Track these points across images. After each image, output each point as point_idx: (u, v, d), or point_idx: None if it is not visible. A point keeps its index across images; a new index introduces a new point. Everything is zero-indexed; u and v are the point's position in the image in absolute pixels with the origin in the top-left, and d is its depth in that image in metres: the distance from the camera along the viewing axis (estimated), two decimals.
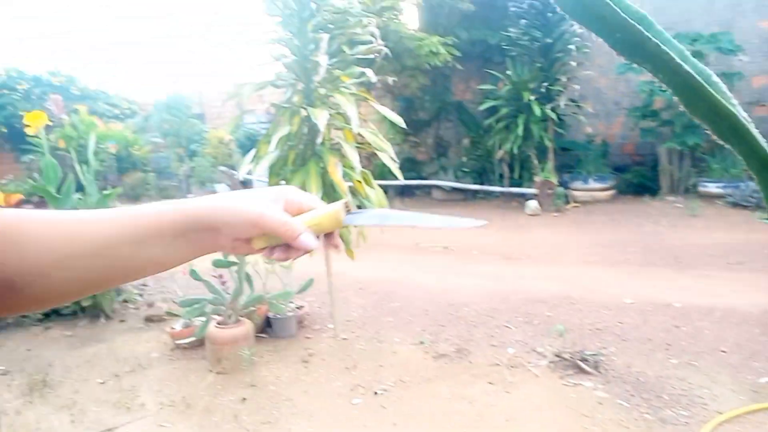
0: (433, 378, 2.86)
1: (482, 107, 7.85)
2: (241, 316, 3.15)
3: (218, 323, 3.07)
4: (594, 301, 3.75)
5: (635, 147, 8.08)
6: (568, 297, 3.84)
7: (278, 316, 3.37)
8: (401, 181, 8.42)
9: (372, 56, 3.49)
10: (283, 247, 0.59)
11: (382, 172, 5.66)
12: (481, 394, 2.66)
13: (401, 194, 8.80)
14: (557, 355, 2.94)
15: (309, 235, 0.59)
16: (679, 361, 2.86)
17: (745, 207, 6.09)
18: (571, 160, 8.17)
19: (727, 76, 6.72)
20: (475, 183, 8.48)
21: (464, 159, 9.03)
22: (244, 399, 2.72)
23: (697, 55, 6.65)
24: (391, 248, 5.62)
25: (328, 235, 0.63)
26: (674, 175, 7.20)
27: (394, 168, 3.46)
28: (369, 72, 3.40)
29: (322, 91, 3.40)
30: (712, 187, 6.66)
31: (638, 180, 7.65)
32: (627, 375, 2.74)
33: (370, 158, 5.78)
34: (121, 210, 0.55)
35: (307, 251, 0.59)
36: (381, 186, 8.69)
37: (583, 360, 2.85)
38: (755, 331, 3.12)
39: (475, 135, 8.79)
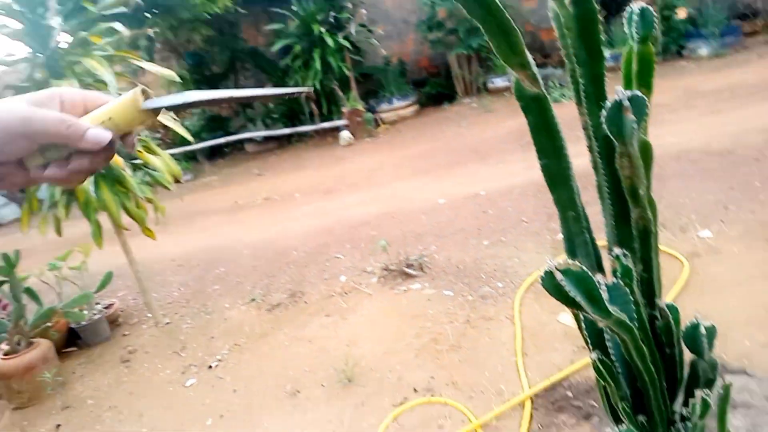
0: (270, 331, 2.72)
1: (274, 48, 7.51)
2: (34, 338, 2.69)
3: (4, 354, 2.59)
4: (412, 210, 3.84)
5: (429, 60, 8.38)
6: (387, 213, 3.90)
7: (82, 323, 2.94)
8: (207, 142, 7.99)
9: (123, 9, 3.03)
10: (66, 160, 0.48)
11: (184, 138, 5.15)
12: (320, 329, 2.60)
13: (211, 156, 8.29)
14: (385, 269, 2.96)
15: (98, 129, 0.48)
16: (489, 241, 3.04)
17: None
18: (374, 85, 8.26)
19: None
20: (286, 127, 8.24)
21: (271, 105, 8.69)
22: (59, 426, 2.35)
23: None
24: (207, 214, 5.26)
25: (124, 137, 0.52)
26: (466, 79, 7.62)
27: (184, 132, 3.11)
28: (118, 26, 2.96)
29: (72, 58, 2.89)
30: (499, 82, 7.18)
31: (436, 90, 7.99)
32: (448, 267, 2.85)
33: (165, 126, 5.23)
34: None
35: (99, 147, 0.48)
36: (189, 151, 7.99)
37: (409, 266, 2.91)
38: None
39: (276, 78, 8.45)
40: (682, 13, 6.31)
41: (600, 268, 0.84)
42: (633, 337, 0.72)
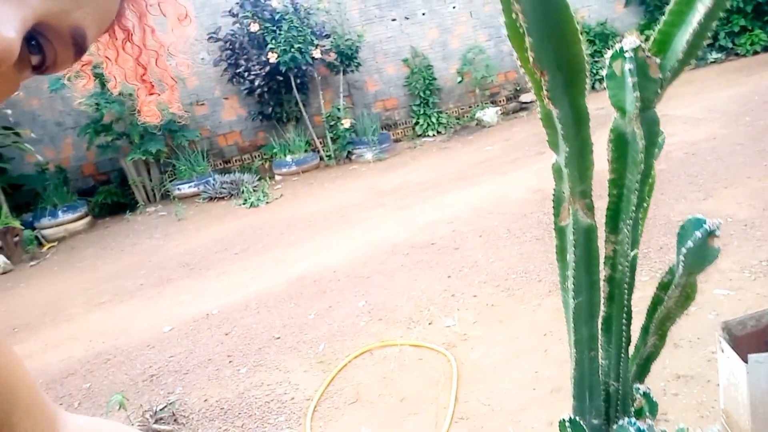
0: None
1: None
2: None
3: None
4: (132, 345, 3.21)
5: (96, 166, 7.48)
6: (99, 354, 3.16)
7: None
8: None
9: None
10: None
11: None
12: None
13: None
14: None
15: None
16: (246, 368, 2.74)
17: (220, 198, 6.55)
18: (28, 197, 6.89)
19: None
20: None
21: None
22: None
23: None
24: None
25: None
26: (146, 186, 7.06)
27: None
28: None
29: None
30: (186, 188, 6.87)
31: (111, 199, 7.14)
32: (209, 411, 2.43)
33: None
34: None
35: None
36: None
37: (159, 420, 2.36)
38: (289, 306, 3.32)
39: None
40: (347, 123, 7.27)
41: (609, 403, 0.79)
42: None
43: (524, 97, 8.43)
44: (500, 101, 8.40)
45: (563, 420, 0.62)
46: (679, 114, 5.40)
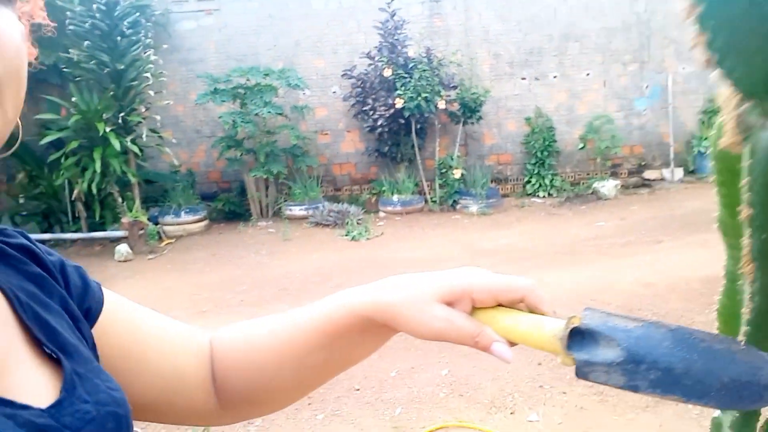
0: None
1: (44, 141, 6.37)
2: None
3: None
4: None
5: (221, 174, 8.10)
6: None
7: None
8: None
9: None
10: None
11: None
12: None
13: None
14: None
15: (504, 347, 0.51)
16: (324, 415, 2.80)
17: (326, 225, 6.81)
18: (157, 192, 7.59)
19: (298, 109, 7.41)
20: (40, 229, 6.92)
21: (21, 200, 7.27)
22: None
23: (270, 88, 7.07)
24: None
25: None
26: (262, 201, 7.51)
27: None
28: None
29: None
30: (297, 210, 7.23)
31: (229, 207, 7.68)
32: None
33: None
34: (305, 316, 0.58)
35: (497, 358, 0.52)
36: None
37: None
38: (373, 356, 3.36)
39: (33, 168, 7.15)
40: (457, 173, 7.32)
41: None
42: None
43: (648, 174, 8.03)
44: (621, 173, 8.06)
45: None
46: None
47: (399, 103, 6.70)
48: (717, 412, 0.95)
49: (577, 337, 0.47)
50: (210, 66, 7.63)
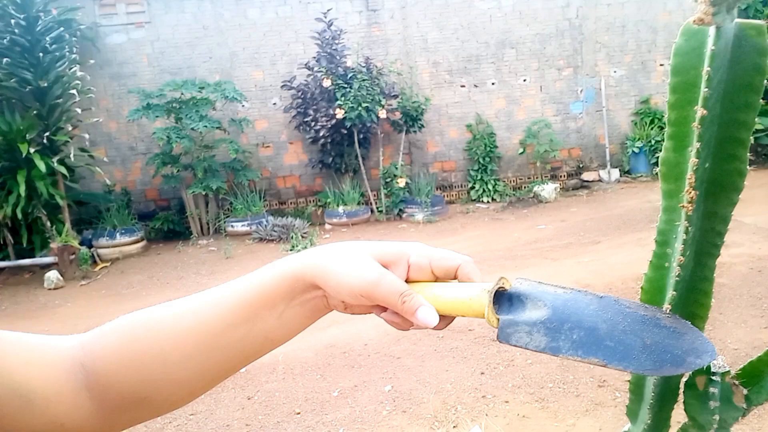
0: None
1: None
2: None
3: None
4: None
5: (159, 192, 7.82)
6: None
7: None
8: None
9: None
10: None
11: None
12: None
13: None
14: None
15: (431, 311, 0.50)
16: None
17: (270, 240, 6.65)
18: (90, 214, 7.25)
19: (237, 122, 7.22)
20: None
21: None
22: None
23: (206, 101, 6.87)
24: None
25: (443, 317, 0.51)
26: (202, 219, 7.29)
27: None
28: None
29: None
30: (239, 226, 7.04)
31: (168, 226, 7.42)
32: None
33: None
34: (225, 290, 0.55)
35: (422, 327, 0.51)
36: None
37: None
38: (315, 377, 3.27)
39: None
40: (402, 182, 7.31)
41: None
42: None
43: (586, 176, 8.26)
44: (561, 177, 8.26)
45: None
46: (748, 222, 5.12)
47: (340, 114, 6.63)
48: (627, 425, 0.91)
49: (506, 303, 0.48)
50: (144, 80, 7.37)
